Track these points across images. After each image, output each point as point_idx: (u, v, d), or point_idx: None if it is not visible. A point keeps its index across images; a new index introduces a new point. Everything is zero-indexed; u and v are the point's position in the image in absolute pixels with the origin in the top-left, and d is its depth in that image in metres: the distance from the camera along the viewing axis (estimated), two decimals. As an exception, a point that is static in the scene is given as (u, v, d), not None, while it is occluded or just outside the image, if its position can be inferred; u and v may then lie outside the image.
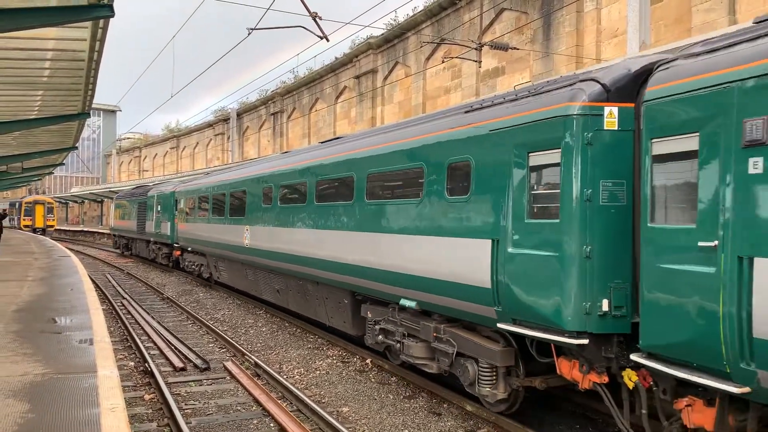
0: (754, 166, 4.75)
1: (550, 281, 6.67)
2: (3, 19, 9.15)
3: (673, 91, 5.49)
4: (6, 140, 25.39)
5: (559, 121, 6.65)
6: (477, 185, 7.84)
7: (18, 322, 9.08)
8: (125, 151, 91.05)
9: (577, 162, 6.51)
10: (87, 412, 5.04)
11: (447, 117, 8.92)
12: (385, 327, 10.25)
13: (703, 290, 5.11)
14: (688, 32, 17.97)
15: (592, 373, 6.66)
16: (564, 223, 6.59)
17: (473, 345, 8.12)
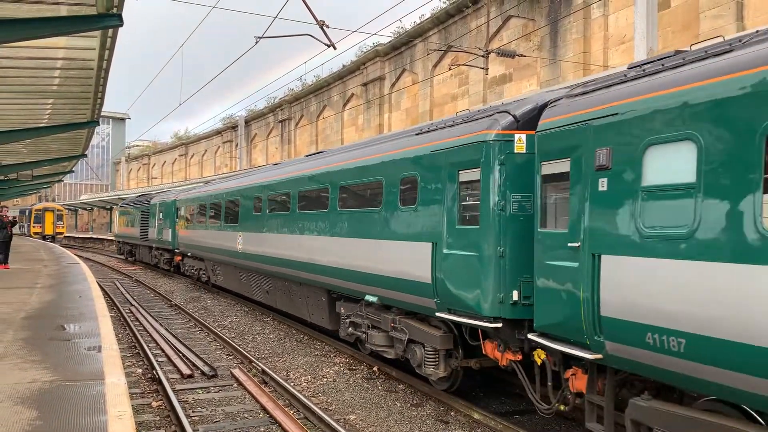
0: (601, 185, 6.20)
1: (473, 276, 8.12)
2: (14, 29, 9.25)
3: (555, 125, 6.95)
4: (16, 148, 25.60)
5: (480, 145, 8.11)
6: (422, 197, 9.34)
7: (27, 329, 9.13)
8: (134, 158, 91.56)
9: (492, 179, 7.96)
10: (95, 420, 5.05)
11: (401, 138, 10.48)
12: (354, 320, 11.67)
13: (570, 280, 6.54)
14: (696, 38, 17.92)
15: (508, 352, 8.03)
16: (483, 229, 8.04)
17: (420, 332, 9.55)
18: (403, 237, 9.78)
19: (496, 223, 7.92)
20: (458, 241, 8.48)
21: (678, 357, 5.31)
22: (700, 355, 5.10)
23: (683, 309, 5.24)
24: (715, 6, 17.87)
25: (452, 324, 9.00)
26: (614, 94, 6.30)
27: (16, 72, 13.72)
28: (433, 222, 9.00)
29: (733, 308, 4.83)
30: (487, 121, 8.25)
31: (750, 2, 17.30)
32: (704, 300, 5.06)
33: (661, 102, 5.63)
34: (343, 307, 12.18)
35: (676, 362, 5.34)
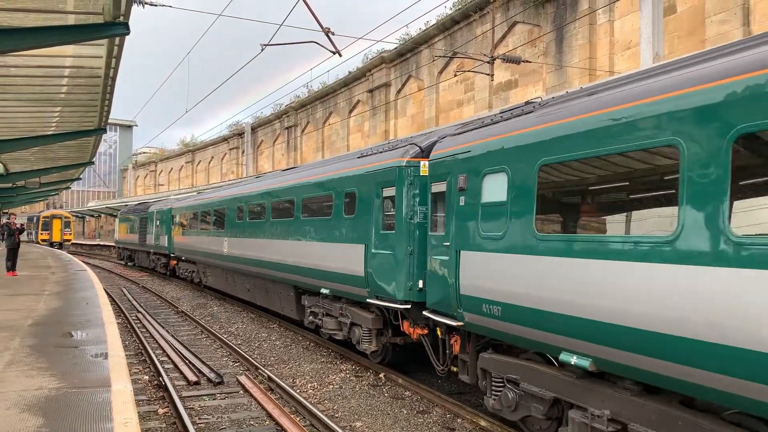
0: (461, 201, 8.55)
1: (391, 270, 10.50)
2: (23, 38, 9.33)
3: (439, 156, 9.40)
4: (24, 156, 25.77)
5: (395, 169, 10.54)
6: (358, 208, 11.71)
7: (34, 336, 9.16)
8: (141, 165, 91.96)
9: (404, 194, 10.38)
10: (101, 427, 5.06)
11: (348, 160, 12.87)
12: (314, 310, 14.13)
13: (446, 269, 8.86)
14: (702, 44, 17.89)
15: (418, 328, 10.34)
16: (398, 233, 10.47)
17: (359, 316, 11.91)
18: (345, 240, 12.17)
19: (407, 228, 10.37)
20: (381, 243, 10.93)
21: (498, 320, 7.64)
22: (510, 318, 7.42)
23: (500, 287, 7.60)
24: (722, 11, 17.83)
25: (381, 308, 11.34)
26: (469, 137, 8.74)
27: (25, 80, 13.83)
28: (366, 228, 11.38)
29: (524, 284, 7.13)
30: (401, 150, 10.69)
31: (756, 7, 17.25)
32: (509, 279, 7.45)
33: (491, 145, 8.06)
34: (306, 300, 14.63)
35: (498, 323, 7.70)
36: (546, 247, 6.82)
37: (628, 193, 6.05)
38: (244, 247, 18.48)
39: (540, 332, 6.88)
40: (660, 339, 5.33)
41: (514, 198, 7.40)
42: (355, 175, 11.96)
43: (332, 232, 12.67)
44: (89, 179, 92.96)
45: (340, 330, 12.80)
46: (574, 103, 6.88)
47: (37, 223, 62.92)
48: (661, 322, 5.34)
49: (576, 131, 6.53)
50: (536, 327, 6.91)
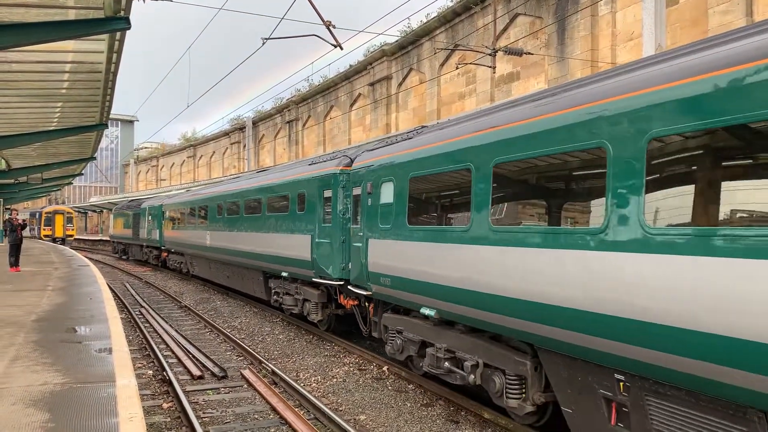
0: (368, 202, 11.09)
1: (329, 255, 13.28)
2: (23, 34, 9.31)
3: (357, 167, 12.00)
4: (26, 151, 25.80)
5: (331, 175, 13.39)
6: (307, 206, 14.47)
7: (38, 331, 9.17)
8: (143, 160, 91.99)
9: (338, 195, 13.12)
10: (106, 422, 5.06)
11: (301, 166, 15.76)
12: (277, 291, 17.01)
13: (360, 253, 11.35)
14: (705, 34, 17.81)
15: (350, 300, 12.94)
16: (334, 226, 13.23)
17: (309, 293, 14.81)
18: (298, 232, 14.88)
19: (340, 222, 13.04)
20: (322, 234, 13.67)
21: (389, 288, 10.32)
22: (395, 287, 10.08)
23: (389, 264, 10.24)
24: (724, 1, 17.74)
25: (324, 286, 14.10)
26: (374, 153, 11.46)
27: (26, 76, 13.83)
28: (312, 222, 14.13)
29: (402, 261, 9.78)
30: (336, 161, 13.56)
31: (759, -3, 17.16)
32: (394, 258, 10.07)
33: (385, 161, 10.75)
34: (272, 283, 17.43)
35: (389, 290, 10.37)
36: (413, 235, 9.51)
37: (451, 198, 8.85)
38: (223, 239, 21.33)
39: (410, 294, 9.66)
40: (475, 295, 7.89)
41: (397, 200, 10.13)
42: (305, 179, 14.78)
43: (289, 226, 15.54)
44: (91, 175, 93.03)
45: (296, 305, 15.66)
46: (431, 133, 9.70)
47: (39, 219, 63.03)
48: (472, 282, 7.91)
49: (430, 154, 9.29)
50: (408, 291, 9.73)
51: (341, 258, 12.88)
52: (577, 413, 6.72)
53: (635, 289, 5.49)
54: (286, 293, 16.30)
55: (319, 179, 13.87)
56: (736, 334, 4.65)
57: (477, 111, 9.66)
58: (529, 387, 7.62)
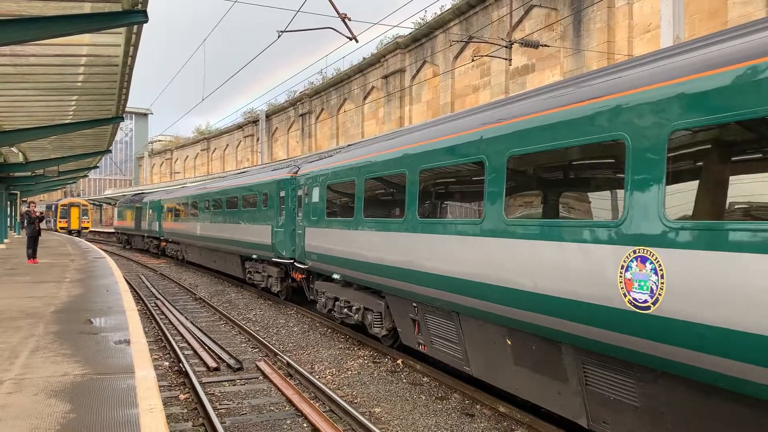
0: (305, 200, 15.13)
1: (283, 240, 17.12)
2: (40, 27, 9.36)
3: (300, 174, 16.05)
4: (43, 144, 26.00)
5: (284, 180, 17.37)
6: (268, 203, 18.62)
7: (57, 323, 9.27)
8: (157, 153, 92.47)
9: (288, 195, 17.01)
10: (126, 413, 5.11)
11: (266, 171, 20.51)
12: (250, 270, 21.43)
13: (301, 238, 15.47)
14: (724, 26, 17.57)
15: (298, 274, 16.50)
16: (286, 218, 17.05)
17: (271, 270, 19.04)
18: (262, 222, 19.14)
19: (291, 215, 17.03)
20: (278, 224, 17.76)
21: (317, 262, 14.25)
22: (320, 261, 13.97)
23: (317, 244, 14.05)
24: (744, -8, 17.48)
25: (281, 265, 18.18)
26: (310, 165, 15.32)
27: (42, 69, 13.91)
28: (273, 215, 18.25)
29: (323, 242, 13.72)
30: (288, 168, 17.82)
31: (780, -12, 16.89)
32: (319, 240, 13.96)
33: (314, 172, 14.64)
34: (247, 264, 21.79)
35: (317, 264, 14.30)
36: (330, 224, 13.43)
37: (348, 199, 12.53)
38: (210, 229, 25.58)
39: (328, 266, 13.67)
40: (354, 263, 11.95)
41: (320, 200, 14.12)
42: (267, 182, 19.05)
43: (257, 218, 19.66)
44: (106, 167, 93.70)
45: (263, 281, 20.02)
46: (339, 154, 14.27)
47: (55, 211, 63.64)
48: (354, 254, 11.90)
49: (336, 169, 13.31)
50: (326, 263, 13.73)
51: (291, 242, 16.86)
52: (402, 330, 11.29)
53: (414, 254, 9.70)
54: (256, 272, 20.82)
55: (277, 182, 18.12)
56: (442, 272, 8.86)
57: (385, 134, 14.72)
58: (384, 319, 11.91)
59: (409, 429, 8.27)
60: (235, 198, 22.28)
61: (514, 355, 7.95)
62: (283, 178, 17.58)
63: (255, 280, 20.77)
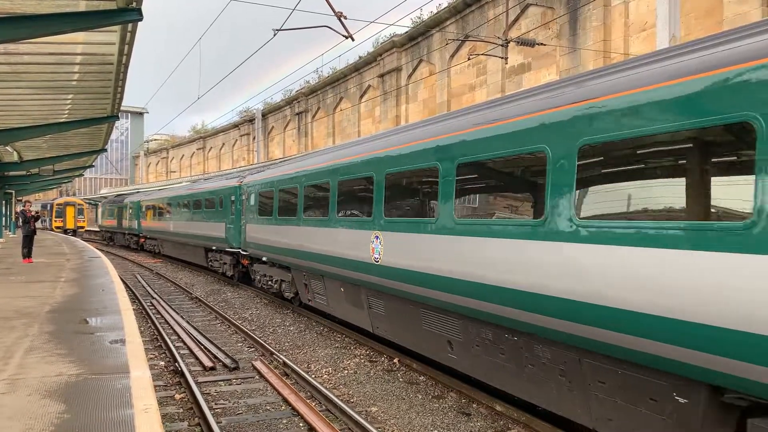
0: (248, 203, 19.57)
1: (234, 234, 21.76)
2: (34, 25, 9.31)
3: (244, 184, 20.84)
4: (37, 143, 25.90)
5: (234, 187, 22.12)
6: (223, 205, 23.19)
7: (52, 322, 9.23)
8: (153, 152, 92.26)
9: (237, 199, 21.58)
10: (121, 413, 5.09)
11: (222, 180, 25.24)
12: (211, 259, 25.76)
13: (244, 232, 20.04)
14: (720, 25, 17.59)
15: (245, 260, 21.10)
16: (235, 217, 21.72)
17: (226, 258, 23.46)
18: (219, 220, 23.46)
19: (238, 215, 21.21)
20: (230, 222, 21.99)
21: (254, 249, 18.77)
22: (255, 249, 18.59)
23: (253, 236, 18.65)
24: (739, -9, 17.50)
25: (233, 254, 22.32)
26: (249, 177, 20.13)
27: (37, 68, 13.84)
28: (226, 214, 22.56)
29: (259, 234, 18.16)
30: (237, 178, 22.26)
31: (775, -14, 16.91)
32: (255, 233, 18.48)
33: (253, 182, 19.15)
34: (209, 255, 26.08)
35: (254, 251, 18.86)
36: (260, 221, 17.75)
37: (273, 203, 16.56)
38: (181, 227, 30.02)
39: (260, 251, 17.95)
40: (274, 248, 16.69)
41: (254, 203, 18.53)
42: (222, 188, 23.62)
43: (215, 217, 24.12)
44: (101, 166, 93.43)
45: (221, 267, 24.45)
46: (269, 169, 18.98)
47: (50, 211, 63.42)
48: (274, 242, 16.53)
49: (264, 181, 17.79)
50: (259, 250, 17.99)
51: (239, 236, 21.08)
52: (300, 292, 16.00)
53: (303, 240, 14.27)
54: (215, 260, 25.33)
55: (228, 189, 22.84)
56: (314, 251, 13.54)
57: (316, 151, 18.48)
58: (291, 286, 16.78)
59: (406, 428, 8.26)
60: (200, 200, 26.87)
61: (345, 297, 12.94)
62: (233, 185, 22.21)
63: (215, 267, 25.42)
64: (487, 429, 8.21)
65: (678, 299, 5.15)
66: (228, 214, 22.30)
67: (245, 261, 21.08)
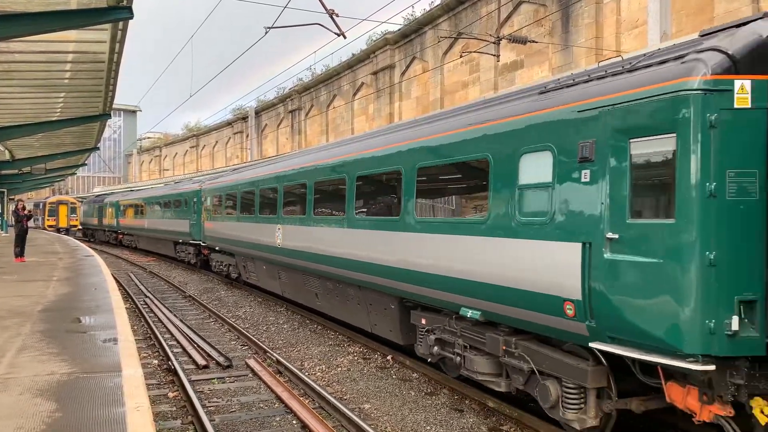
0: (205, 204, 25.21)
1: (196, 230, 25.99)
2: (25, 24, 9.28)
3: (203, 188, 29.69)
4: (30, 142, 25.81)
5: (196, 190, 26.65)
6: (188, 205, 27.14)
7: (44, 321, 9.21)
8: (146, 150, 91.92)
9: (199, 200, 25.90)
10: (113, 412, 5.09)
11: (190, 183, 30.44)
12: (179, 250, 29.93)
13: (202, 228, 25.83)
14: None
15: (205, 250, 27.58)
16: (197, 215, 25.66)
17: (190, 249, 28.10)
18: (183, 218, 27.41)
19: (200, 213, 25.18)
20: (193, 219, 26.09)
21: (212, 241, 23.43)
22: (212, 240, 23.33)
23: (210, 229, 23.25)
24: (730, -12, 17.57)
25: (196, 246, 26.77)
26: (207, 184, 25.17)
27: (28, 66, 13.80)
28: (190, 213, 26.61)
29: (213, 228, 23.02)
30: (198, 183, 27.26)
31: (766, -17, 16.98)
32: (210, 227, 23.47)
33: (208, 187, 24.81)
34: (177, 247, 29.84)
35: (211, 242, 23.70)
36: (214, 218, 22.59)
37: (226, 205, 21.26)
38: (154, 224, 34.41)
39: (215, 243, 22.79)
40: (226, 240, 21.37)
41: (210, 204, 23.26)
42: (186, 192, 27.87)
43: (181, 215, 28.00)
44: (94, 165, 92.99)
45: (186, 257, 28.74)
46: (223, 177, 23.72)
47: (43, 210, 63.12)
48: (226, 234, 21.47)
49: (214, 187, 23.28)
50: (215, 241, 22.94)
51: (200, 230, 24.89)
52: (242, 272, 20.73)
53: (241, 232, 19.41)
54: (182, 251, 29.32)
55: (191, 192, 26.80)
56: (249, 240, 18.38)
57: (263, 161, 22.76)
58: (236, 268, 21.21)
59: (399, 425, 8.30)
60: (169, 201, 31.15)
61: (266, 272, 17.80)
62: (195, 189, 26.46)
63: (182, 257, 29.79)
64: (480, 425, 8.25)
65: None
66: (191, 213, 26.49)
67: (205, 251, 25.65)
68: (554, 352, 7.16)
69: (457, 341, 8.79)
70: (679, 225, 5.50)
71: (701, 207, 5.42)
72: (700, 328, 5.41)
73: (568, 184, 6.64)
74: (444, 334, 9.16)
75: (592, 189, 6.32)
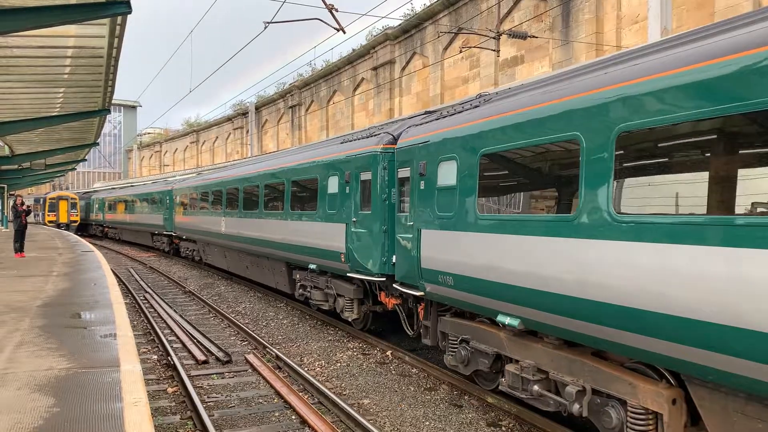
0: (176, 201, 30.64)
1: (169, 221, 31.20)
2: (24, 18, 9.25)
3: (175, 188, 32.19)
4: (29, 137, 25.77)
5: (168, 190, 31.88)
6: (161, 203, 32.53)
7: (43, 317, 9.21)
8: (146, 146, 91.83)
9: (171, 198, 31.22)
10: (110, 407, 5.09)
11: (161, 184, 36.87)
12: (155, 240, 35.39)
13: (173, 219, 30.31)
14: (711, 17, 17.61)
15: (177, 240, 32.88)
16: (169, 210, 31.00)
17: (164, 239, 33.75)
18: (158, 213, 32.84)
19: (171, 209, 30.53)
20: (166, 213, 31.23)
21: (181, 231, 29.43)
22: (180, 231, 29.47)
23: (180, 222, 28.98)
24: (731, -17, 17.51)
25: (168, 235, 32.46)
26: (177, 185, 30.84)
27: (27, 61, 13.76)
28: (162, 209, 32.02)
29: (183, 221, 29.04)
30: (171, 186, 31.80)
31: (767, -21, 16.93)
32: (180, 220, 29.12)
33: (181, 188, 29.49)
34: (154, 237, 35.21)
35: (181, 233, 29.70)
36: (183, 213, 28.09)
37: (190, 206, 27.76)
38: (134, 218, 39.43)
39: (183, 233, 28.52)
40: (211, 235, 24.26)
41: (179, 201, 28.64)
42: (161, 191, 32.27)
43: (156, 211, 32.79)
44: (94, 160, 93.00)
45: (162, 247, 33.37)
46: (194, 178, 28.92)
47: (43, 205, 63.07)
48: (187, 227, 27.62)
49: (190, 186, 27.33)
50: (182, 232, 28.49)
51: (171, 223, 28.47)
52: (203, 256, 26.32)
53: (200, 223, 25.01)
54: (158, 241, 33.62)
55: (165, 191, 30.97)
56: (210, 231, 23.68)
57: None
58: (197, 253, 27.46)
59: (398, 420, 8.30)
60: (146, 198, 36.05)
61: (218, 254, 22.59)
62: (168, 189, 31.24)
63: (158, 246, 34.80)
64: (479, 420, 8.25)
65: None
66: (165, 208, 31.14)
67: (177, 240, 30.81)
68: (341, 280, 12.79)
69: (308, 284, 14.49)
70: (374, 213, 11.21)
71: (380, 205, 11.08)
72: (380, 262, 11.07)
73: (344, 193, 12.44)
74: (305, 281, 14.69)
75: (350, 195, 12.10)
